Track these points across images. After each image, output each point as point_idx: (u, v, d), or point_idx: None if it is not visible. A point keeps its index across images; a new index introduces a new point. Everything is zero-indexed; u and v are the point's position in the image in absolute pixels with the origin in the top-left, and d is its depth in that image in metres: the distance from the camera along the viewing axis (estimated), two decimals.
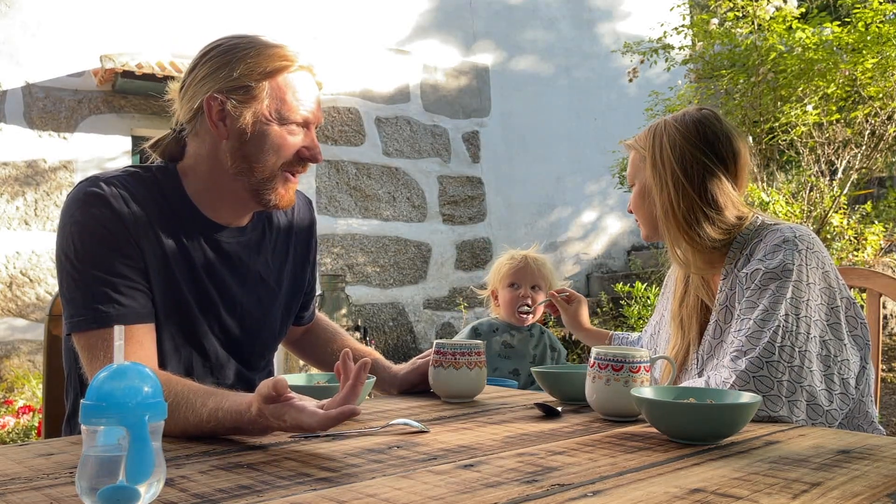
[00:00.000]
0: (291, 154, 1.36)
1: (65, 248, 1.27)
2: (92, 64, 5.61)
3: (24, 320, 5.37)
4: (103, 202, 1.28)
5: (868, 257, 5.12)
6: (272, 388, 1.02)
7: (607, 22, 8.14)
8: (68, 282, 1.27)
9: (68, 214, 1.29)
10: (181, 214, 1.37)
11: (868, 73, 5.00)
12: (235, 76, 1.32)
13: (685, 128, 1.51)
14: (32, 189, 5.48)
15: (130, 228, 1.28)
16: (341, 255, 6.52)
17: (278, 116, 1.33)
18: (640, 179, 1.59)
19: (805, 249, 1.38)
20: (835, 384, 1.33)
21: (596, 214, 7.86)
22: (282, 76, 1.34)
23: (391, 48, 6.92)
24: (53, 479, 0.88)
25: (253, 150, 1.34)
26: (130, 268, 1.27)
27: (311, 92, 1.38)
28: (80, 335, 1.24)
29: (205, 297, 1.38)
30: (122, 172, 1.35)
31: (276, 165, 1.35)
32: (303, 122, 1.36)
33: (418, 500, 0.78)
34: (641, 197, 1.58)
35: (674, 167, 1.49)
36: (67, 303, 1.27)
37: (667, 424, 1.08)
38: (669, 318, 1.65)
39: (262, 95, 1.32)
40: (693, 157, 1.48)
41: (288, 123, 1.34)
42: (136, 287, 1.27)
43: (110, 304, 1.23)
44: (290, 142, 1.35)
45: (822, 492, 0.79)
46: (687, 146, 1.49)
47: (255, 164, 1.34)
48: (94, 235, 1.26)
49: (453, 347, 1.45)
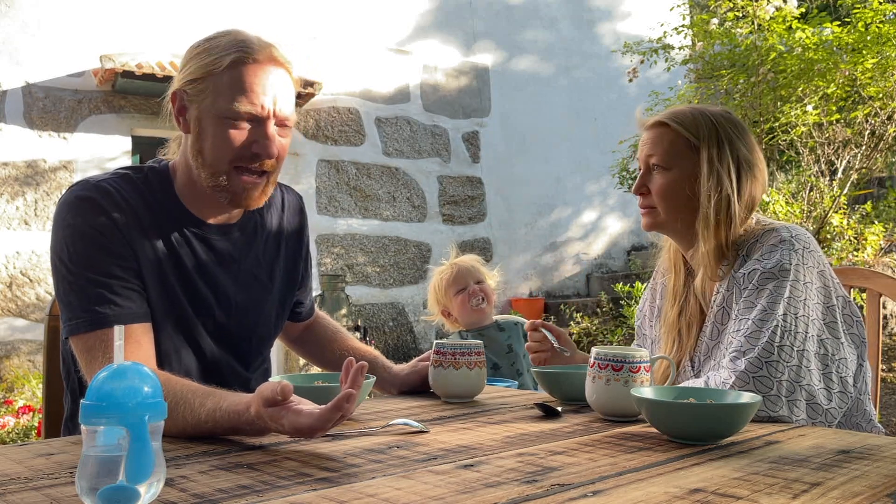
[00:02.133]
0: (235, 149, 1.29)
1: (59, 253, 1.27)
2: (92, 64, 5.61)
3: (25, 320, 5.37)
4: (94, 205, 1.28)
5: (868, 257, 5.12)
6: (278, 392, 1.01)
7: (607, 22, 8.14)
8: (64, 286, 1.26)
9: (61, 219, 1.29)
10: (171, 214, 1.36)
11: (868, 73, 5.00)
12: (191, 70, 1.31)
13: (734, 126, 1.49)
14: (32, 189, 5.48)
15: (122, 230, 1.28)
16: (341, 255, 6.52)
17: (221, 111, 1.28)
18: (677, 165, 1.48)
19: (801, 249, 1.38)
20: (833, 383, 1.33)
21: (596, 214, 7.86)
22: (233, 70, 1.28)
23: (391, 48, 6.92)
24: (53, 479, 0.88)
25: (202, 144, 1.32)
26: (124, 269, 1.27)
27: (267, 86, 1.29)
28: (77, 338, 1.24)
29: (198, 296, 1.38)
30: (112, 175, 1.35)
31: (220, 161, 1.30)
32: (247, 115, 1.29)
33: (418, 500, 0.78)
34: (679, 184, 1.47)
35: (729, 161, 1.45)
36: (64, 307, 1.26)
37: (667, 424, 1.08)
38: (664, 330, 1.59)
39: (209, 89, 1.29)
40: (745, 157, 1.47)
41: (229, 117, 1.28)
42: (130, 288, 1.27)
43: (107, 305, 1.23)
44: (232, 136, 1.29)
45: (822, 492, 0.79)
46: (740, 143, 1.48)
47: (205, 160, 1.32)
48: (87, 238, 1.26)
49: (453, 347, 1.45)
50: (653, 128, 1.53)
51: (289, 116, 1.35)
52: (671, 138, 1.49)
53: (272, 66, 1.31)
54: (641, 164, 1.54)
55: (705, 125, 1.48)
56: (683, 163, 1.48)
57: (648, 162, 1.52)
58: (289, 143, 1.39)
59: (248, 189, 1.33)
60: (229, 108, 1.28)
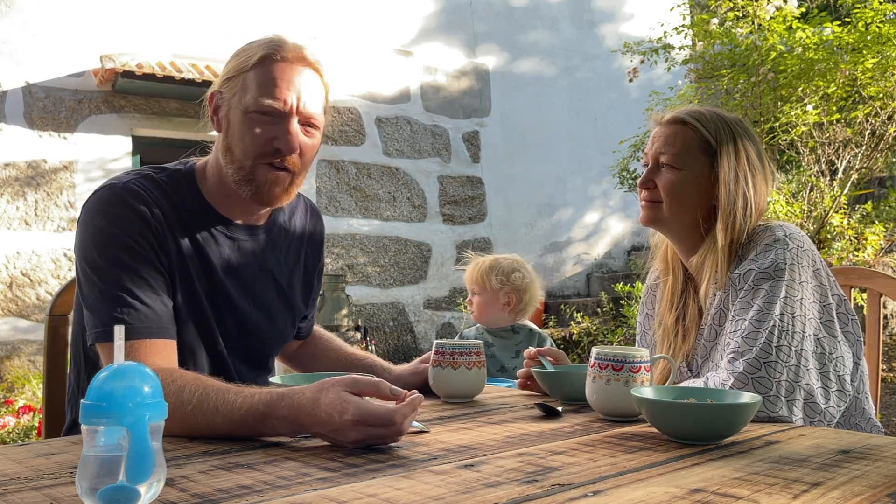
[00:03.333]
0: (261, 144, 1.32)
1: (86, 257, 1.26)
2: (92, 64, 5.61)
3: (26, 321, 5.37)
4: (124, 207, 1.27)
5: (868, 257, 5.12)
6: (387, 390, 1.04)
7: (608, 23, 8.14)
8: (91, 291, 1.25)
9: (89, 221, 1.28)
10: (197, 213, 1.37)
11: (868, 73, 5.00)
12: (227, 71, 1.36)
13: (748, 133, 1.49)
14: (33, 189, 5.48)
15: (153, 230, 1.28)
16: (342, 255, 6.52)
17: (246, 106, 1.31)
18: (689, 167, 1.46)
19: (796, 248, 1.37)
20: (831, 381, 1.32)
21: (597, 215, 7.86)
22: (262, 67, 1.32)
23: (393, 49, 6.92)
24: (53, 479, 0.88)
25: (230, 141, 1.34)
26: (154, 271, 1.27)
27: (291, 82, 1.32)
28: (104, 346, 1.23)
29: (221, 295, 1.38)
30: (135, 175, 1.35)
31: (246, 157, 1.32)
32: (269, 109, 1.31)
33: (418, 500, 0.78)
34: (688, 185, 1.45)
35: (746, 166, 1.45)
36: (91, 313, 1.25)
37: (667, 424, 1.08)
38: (661, 334, 1.58)
39: (238, 87, 1.33)
40: (757, 163, 1.47)
41: (253, 112, 1.31)
42: (158, 293, 1.27)
43: (134, 314, 1.22)
44: (257, 132, 1.31)
45: (822, 492, 0.79)
46: (752, 147, 1.48)
47: (233, 156, 1.34)
48: (117, 242, 1.25)
49: (453, 347, 1.45)
50: (670, 124, 1.50)
51: (315, 115, 1.36)
52: (687, 138, 1.47)
53: (301, 65, 1.34)
54: (650, 159, 1.51)
55: (724, 128, 1.46)
56: (695, 164, 1.46)
57: (659, 158, 1.49)
58: (316, 144, 1.40)
59: (271, 183, 1.34)
60: (253, 103, 1.31)
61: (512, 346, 2.38)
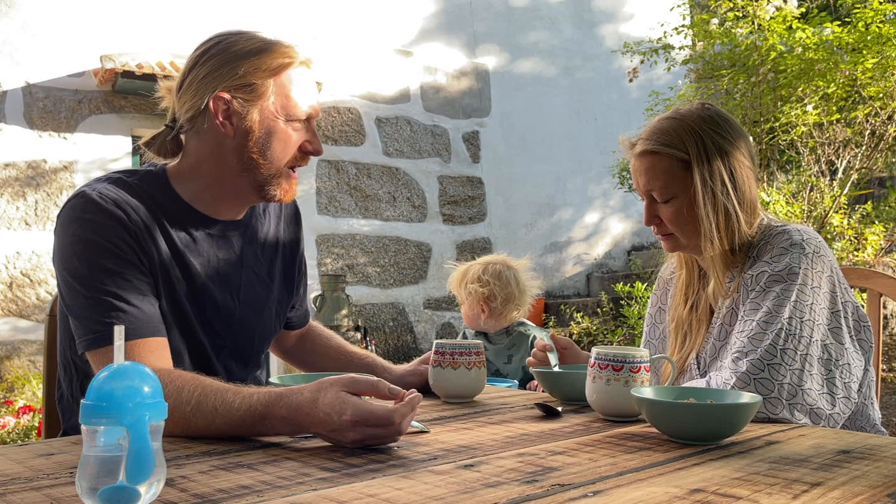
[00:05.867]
0: (296, 149, 1.39)
1: (68, 267, 1.25)
2: (92, 64, 5.61)
3: (26, 321, 5.37)
4: (100, 214, 1.26)
5: (868, 257, 5.12)
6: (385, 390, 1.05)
7: (608, 23, 8.14)
8: (76, 299, 1.24)
9: (66, 230, 1.27)
10: (174, 213, 1.36)
11: (868, 73, 5.00)
12: (240, 74, 1.32)
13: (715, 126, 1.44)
14: (33, 190, 5.48)
15: (131, 235, 1.27)
16: (342, 255, 6.52)
17: (285, 114, 1.35)
18: (680, 191, 1.44)
19: (812, 253, 1.37)
20: (837, 388, 1.32)
21: (597, 215, 7.86)
22: (286, 73, 1.35)
23: (392, 49, 6.92)
24: (53, 479, 0.88)
25: (260, 147, 1.35)
26: (137, 277, 1.27)
27: (311, 86, 1.40)
28: (94, 353, 1.23)
29: (203, 293, 1.38)
30: (107, 181, 1.34)
31: (282, 161, 1.37)
32: (305, 117, 1.38)
33: (418, 500, 0.78)
34: (689, 208, 1.44)
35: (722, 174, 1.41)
36: (78, 321, 1.25)
37: (667, 424, 1.08)
38: (672, 326, 1.58)
39: (268, 93, 1.34)
40: (738, 161, 1.44)
41: (293, 120, 1.36)
42: (144, 294, 1.26)
43: (124, 317, 1.22)
44: (294, 138, 1.38)
45: (822, 492, 0.79)
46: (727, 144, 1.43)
47: (262, 161, 1.36)
48: (97, 249, 1.24)
49: (453, 347, 1.45)
50: (643, 157, 1.48)
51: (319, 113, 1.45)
52: (664, 167, 1.45)
53: (307, 67, 1.41)
54: (642, 194, 1.50)
55: (691, 137, 1.43)
56: (684, 185, 1.44)
57: (650, 193, 1.48)
58: None
59: (293, 184, 1.42)
60: (292, 112, 1.36)
61: (504, 351, 2.38)
